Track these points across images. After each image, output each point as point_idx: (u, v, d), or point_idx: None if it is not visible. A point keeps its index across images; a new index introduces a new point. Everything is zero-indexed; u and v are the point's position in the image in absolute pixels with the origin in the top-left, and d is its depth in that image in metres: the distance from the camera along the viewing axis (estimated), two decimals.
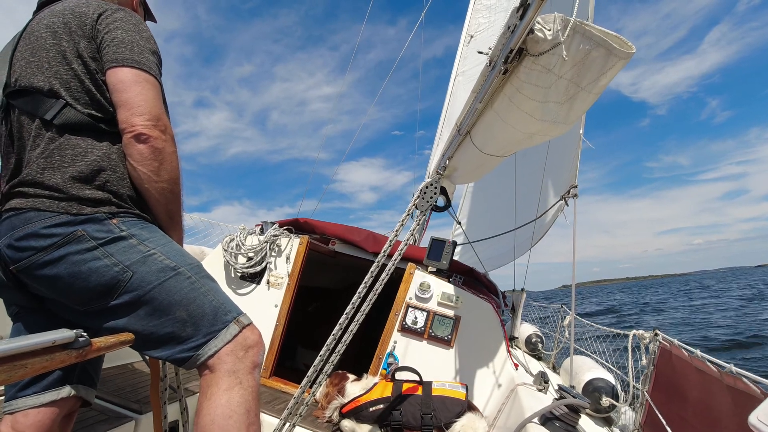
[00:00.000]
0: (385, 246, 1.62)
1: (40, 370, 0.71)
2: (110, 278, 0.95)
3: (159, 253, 1.02)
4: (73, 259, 0.94)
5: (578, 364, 2.78)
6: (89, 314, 0.99)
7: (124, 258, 0.97)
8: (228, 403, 0.95)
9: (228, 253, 2.74)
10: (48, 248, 0.93)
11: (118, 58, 1.02)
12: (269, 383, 2.49)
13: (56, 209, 0.95)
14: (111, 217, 1.00)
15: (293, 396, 1.47)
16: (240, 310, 1.09)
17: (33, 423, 1.02)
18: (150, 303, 0.97)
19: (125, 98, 1.01)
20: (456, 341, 2.41)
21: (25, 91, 1.02)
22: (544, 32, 1.02)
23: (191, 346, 0.98)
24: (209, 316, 1.01)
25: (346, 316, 1.56)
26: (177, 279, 1.01)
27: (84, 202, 0.98)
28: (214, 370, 0.98)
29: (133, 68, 1.03)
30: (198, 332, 0.99)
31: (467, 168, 1.76)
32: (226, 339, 1.00)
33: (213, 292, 1.06)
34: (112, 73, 1.02)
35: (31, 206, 0.95)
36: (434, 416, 1.93)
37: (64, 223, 0.95)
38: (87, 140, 1.02)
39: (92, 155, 1.01)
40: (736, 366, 1.76)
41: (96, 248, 0.96)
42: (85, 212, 0.97)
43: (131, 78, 1.02)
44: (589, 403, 1.94)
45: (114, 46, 1.03)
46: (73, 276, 0.94)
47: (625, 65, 1.10)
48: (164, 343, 0.99)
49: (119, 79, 1.02)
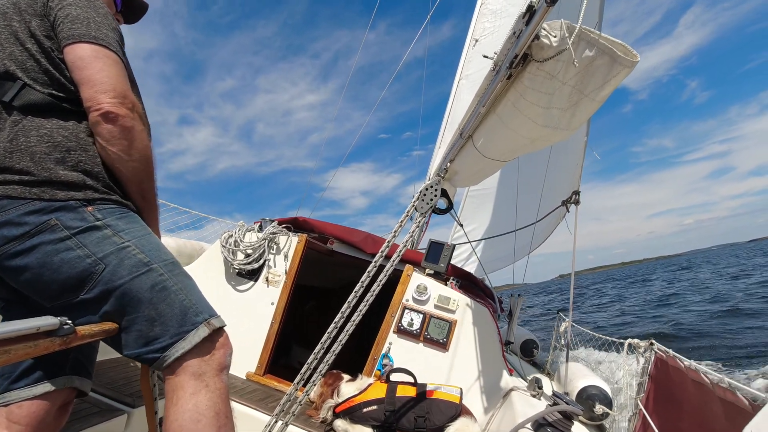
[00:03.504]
0: (382, 247, 1.62)
1: (22, 357, 0.71)
2: (82, 270, 0.92)
3: (133, 246, 0.98)
4: (45, 249, 0.90)
5: (573, 371, 2.78)
6: (57, 309, 0.95)
7: (97, 249, 0.94)
8: (195, 407, 0.92)
9: (226, 250, 2.74)
10: (20, 237, 0.90)
11: (75, 34, 0.98)
12: (263, 381, 2.49)
13: (28, 195, 0.91)
14: (86, 204, 0.97)
15: (286, 393, 1.47)
16: (213, 312, 1.05)
17: (28, 414, 1.01)
18: (120, 299, 0.94)
19: (87, 75, 0.97)
20: (451, 344, 2.41)
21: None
22: (549, 38, 1.02)
23: (158, 347, 0.95)
24: (178, 316, 0.97)
25: (342, 315, 1.56)
26: (149, 276, 0.97)
27: (57, 185, 0.94)
28: (180, 374, 0.95)
29: (91, 44, 0.99)
30: (166, 333, 0.95)
31: (468, 171, 1.76)
32: (194, 341, 0.96)
33: (186, 291, 1.02)
34: (69, 50, 0.98)
35: (3, 193, 0.91)
36: (428, 419, 1.92)
37: (37, 211, 0.91)
38: (51, 120, 0.98)
39: (59, 135, 0.97)
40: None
41: (69, 238, 0.92)
42: (59, 197, 0.94)
43: (90, 54, 0.98)
44: (582, 410, 1.94)
45: (69, 22, 0.99)
46: (43, 266, 0.90)
47: (629, 73, 1.10)
48: (133, 341, 0.95)
49: (78, 56, 0.98)
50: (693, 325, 12.05)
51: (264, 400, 2.19)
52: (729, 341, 9.64)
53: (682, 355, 2.12)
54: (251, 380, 2.50)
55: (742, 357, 8.19)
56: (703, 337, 10.47)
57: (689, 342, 10.02)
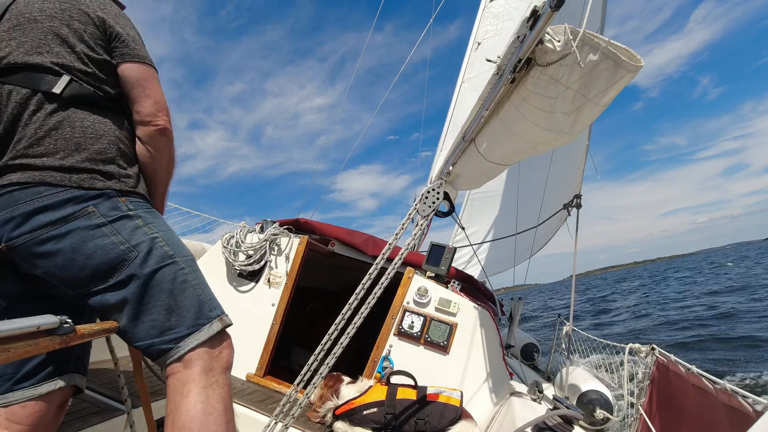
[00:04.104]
0: (384, 249, 1.62)
1: (23, 355, 0.72)
2: (116, 256, 0.96)
3: (161, 239, 1.05)
4: (80, 235, 0.95)
5: (573, 375, 2.77)
6: (77, 298, 0.99)
7: (131, 237, 0.99)
8: (207, 400, 0.95)
9: (227, 250, 2.74)
10: (56, 222, 0.94)
11: (137, 55, 1.11)
12: (263, 382, 2.48)
13: (68, 183, 0.96)
14: (120, 195, 1.03)
15: (286, 395, 1.47)
16: (224, 310, 1.10)
17: (31, 414, 1.02)
18: (144, 286, 0.98)
19: (148, 93, 1.11)
20: (452, 347, 2.40)
21: (16, 67, 1.01)
22: (553, 43, 1.02)
23: (173, 337, 0.98)
24: (195, 308, 1.02)
25: (342, 317, 1.55)
26: (172, 267, 1.03)
27: (95, 175, 1.00)
28: (190, 367, 0.98)
29: (149, 66, 1.14)
30: (182, 323, 0.99)
31: (470, 175, 1.75)
32: (209, 334, 1.01)
33: (202, 286, 1.08)
34: (131, 67, 1.11)
35: (40, 180, 0.95)
36: (428, 422, 1.92)
37: (75, 198, 0.96)
38: (93, 116, 1.05)
39: (100, 130, 1.04)
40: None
41: (105, 225, 0.97)
42: (97, 186, 0.99)
43: (150, 75, 1.13)
44: (582, 414, 1.93)
45: (130, 41, 1.11)
46: (77, 251, 0.94)
47: (633, 78, 1.10)
48: (145, 331, 0.98)
49: (141, 75, 1.11)
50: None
51: (264, 401, 2.19)
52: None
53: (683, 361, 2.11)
54: (251, 381, 2.50)
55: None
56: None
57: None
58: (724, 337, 9.64)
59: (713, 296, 17.75)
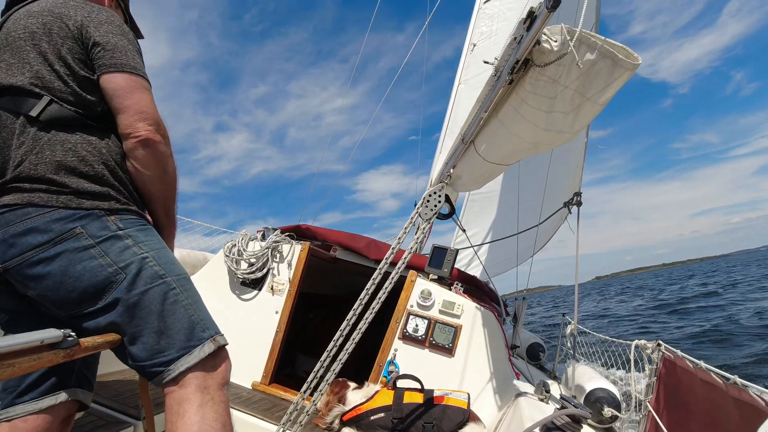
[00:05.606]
0: (387, 253, 1.62)
1: (27, 370, 0.71)
2: (103, 279, 0.94)
3: (151, 258, 1.02)
4: (68, 257, 0.93)
5: (580, 374, 2.76)
6: (68, 319, 0.98)
7: (119, 259, 0.97)
8: (203, 419, 0.93)
9: (229, 259, 2.74)
10: (45, 244, 0.92)
11: (115, 63, 1.04)
12: (269, 390, 2.47)
13: (55, 203, 0.94)
14: (109, 214, 1.00)
15: (293, 403, 1.46)
16: (218, 330, 1.08)
17: (33, 428, 1.01)
18: (132, 309, 0.96)
19: (127, 104, 1.04)
20: (457, 349, 2.40)
21: (3, 90, 1.01)
22: (550, 43, 1.03)
23: (163, 360, 0.97)
24: (186, 330, 1.00)
25: (347, 323, 1.55)
26: (162, 288, 1.00)
27: (83, 195, 0.98)
28: (185, 386, 0.96)
29: (131, 74, 1.05)
30: (172, 346, 0.97)
31: (471, 176, 1.76)
32: (200, 356, 0.99)
33: (195, 306, 1.05)
34: (110, 78, 1.04)
35: (28, 201, 0.94)
36: (436, 425, 1.91)
37: (62, 219, 0.94)
38: (76, 135, 1.02)
39: (83, 149, 1.01)
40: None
41: (93, 246, 0.95)
42: (85, 206, 0.97)
43: (131, 84, 1.05)
44: (590, 413, 1.92)
45: (109, 50, 1.04)
46: (65, 274, 0.92)
47: (631, 76, 1.10)
48: (137, 352, 0.97)
49: (119, 86, 1.04)
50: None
51: (270, 409, 2.18)
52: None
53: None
54: (257, 390, 2.49)
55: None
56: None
57: None
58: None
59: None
